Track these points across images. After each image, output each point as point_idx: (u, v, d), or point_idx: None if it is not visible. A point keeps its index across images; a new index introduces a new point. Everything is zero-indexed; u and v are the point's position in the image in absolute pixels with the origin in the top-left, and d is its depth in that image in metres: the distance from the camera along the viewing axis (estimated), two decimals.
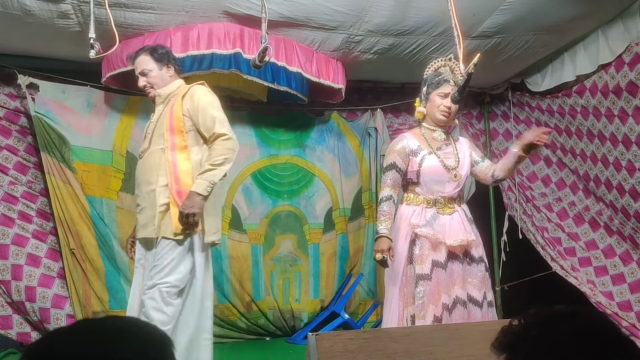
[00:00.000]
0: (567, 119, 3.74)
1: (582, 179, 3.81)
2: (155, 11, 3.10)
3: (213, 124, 2.59)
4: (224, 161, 2.56)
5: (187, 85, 2.74)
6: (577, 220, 3.94)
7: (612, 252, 3.68)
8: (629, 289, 3.56)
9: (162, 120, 2.67)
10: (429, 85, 2.80)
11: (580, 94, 3.57)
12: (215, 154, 2.56)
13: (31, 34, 3.24)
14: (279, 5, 3.04)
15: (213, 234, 2.67)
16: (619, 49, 3.24)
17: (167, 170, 2.57)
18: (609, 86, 3.31)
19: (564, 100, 3.72)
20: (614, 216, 3.58)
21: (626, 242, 3.56)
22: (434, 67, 2.86)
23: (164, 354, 0.87)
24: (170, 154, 2.59)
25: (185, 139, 2.61)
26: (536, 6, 3.07)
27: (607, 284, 3.69)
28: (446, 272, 2.64)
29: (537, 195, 4.23)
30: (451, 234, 2.67)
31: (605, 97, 3.36)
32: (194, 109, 2.62)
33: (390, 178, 2.76)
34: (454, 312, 2.60)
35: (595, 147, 3.56)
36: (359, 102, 4.58)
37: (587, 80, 3.52)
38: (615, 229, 3.63)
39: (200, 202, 2.51)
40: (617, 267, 3.64)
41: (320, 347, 1.75)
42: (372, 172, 4.52)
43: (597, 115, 3.46)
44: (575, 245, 3.94)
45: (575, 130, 3.71)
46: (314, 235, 4.42)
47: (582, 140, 3.66)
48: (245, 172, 4.30)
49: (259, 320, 4.23)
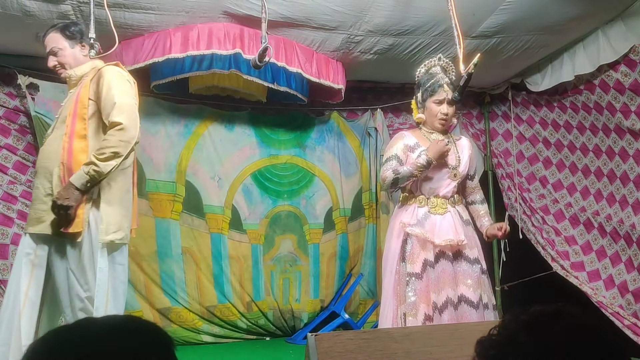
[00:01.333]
0: (581, 114, 3.73)
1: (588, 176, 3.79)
2: (155, 11, 3.10)
3: (111, 109, 2.30)
4: (111, 155, 2.25)
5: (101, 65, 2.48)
6: (572, 222, 3.94)
7: (604, 254, 3.68)
8: (619, 293, 3.56)
9: (68, 104, 2.43)
10: (424, 91, 2.78)
11: (592, 91, 3.57)
12: (105, 144, 2.26)
13: (31, 34, 3.23)
14: (279, 6, 3.04)
15: (112, 232, 2.34)
16: (622, 49, 3.24)
17: (61, 160, 2.32)
18: (625, 83, 3.30)
19: (576, 97, 3.71)
20: (613, 216, 3.57)
21: (618, 242, 3.55)
22: (425, 68, 2.85)
23: (164, 353, 0.87)
24: (67, 142, 2.33)
25: (86, 126, 2.35)
26: (536, 6, 3.07)
27: (600, 289, 3.69)
28: (435, 271, 2.64)
29: (534, 197, 4.24)
30: (440, 233, 2.65)
31: (622, 93, 3.34)
32: (98, 92, 2.35)
33: (391, 166, 2.74)
34: (444, 313, 2.59)
35: (612, 142, 3.54)
36: (359, 102, 4.58)
37: (595, 79, 3.52)
38: (609, 229, 3.61)
39: (76, 195, 2.23)
40: (607, 269, 3.64)
41: (319, 347, 1.75)
42: (372, 172, 4.52)
43: (612, 110, 3.44)
44: (569, 250, 3.94)
45: (590, 126, 3.70)
46: (314, 235, 4.42)
47: (597, 135, 3.64)
48: (245, 172, 4.30)
49: (259, 321, 4.23)
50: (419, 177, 2.71)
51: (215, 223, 4.19)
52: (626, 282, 3.50)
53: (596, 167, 3.72)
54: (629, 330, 3.43)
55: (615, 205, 3.56)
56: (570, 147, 3.92)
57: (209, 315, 4.09)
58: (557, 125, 3.98)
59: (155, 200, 4.04)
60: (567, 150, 3.95)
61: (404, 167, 2.70)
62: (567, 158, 3.97)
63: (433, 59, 2.85)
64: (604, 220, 3.67)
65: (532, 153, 4.28)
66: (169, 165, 4.10)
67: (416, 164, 2.66)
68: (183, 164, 4.14)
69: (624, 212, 3.49)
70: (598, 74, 3.49)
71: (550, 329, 0.83)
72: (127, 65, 3.31)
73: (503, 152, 4.54)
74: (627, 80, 3.30)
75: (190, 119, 4.19)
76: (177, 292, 4.04)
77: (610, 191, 3.60)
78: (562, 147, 4.00)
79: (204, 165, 4.20)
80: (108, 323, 0.90)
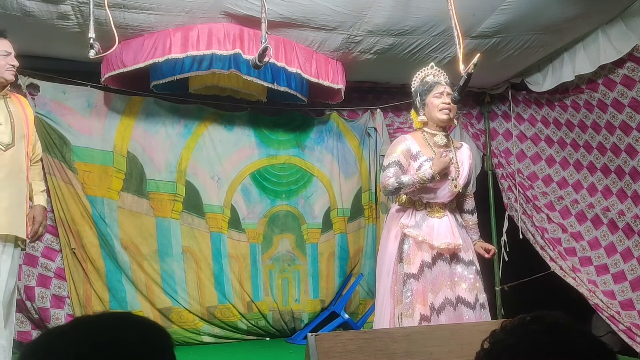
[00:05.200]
0: (582, 112, 3.73)
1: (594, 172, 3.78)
2: (155, 12, 3.10)
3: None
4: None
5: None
6: (579, 218, 3.94)
7: (614, 249, 3.67)
8: (630, 287, 3.56)
9: (18, 121, 2.68)
10: (422, 93, 2.80)
11: (594, 89, 3.57)
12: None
13: (31, 34, 3.24)
14: (279, 6, 3.03)
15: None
16: (624, 48, 3.24)
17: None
18: (635, 77, 3.30)
19: (578, 95, 3.71)
20: (625, 211, 3.56)
21: (630, 238, 3.55)
22: (418, 78, 2.89)
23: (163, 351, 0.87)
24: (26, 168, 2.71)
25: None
26: (536, 6, 3.07)
27: (608, 282, 3.69)
28: (433, 273, 2.66)
29: (538, 194, 4.23)
30: (439, 236, 2.69)
31: (631, 88, 3.34)
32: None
33: (393, 172, 2.72)
34: (442, 314, 2.62)
35: (616, 139, 3.53)
36: (359, 102, 4.58)
37: (599, 78, 3.52)
38: (622, 225, 3.61)
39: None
40: (617, 264, 3.64)
41: (319, 347, 1.76)
42: (371, 172, 4.52)
43: (619, 107, 3.44)
44: (575, 245, 3.93)
45: (592, 124, 3.69)
46: (312, 235, 4.43)
47: (600, 133, 3.64)
48: (244, 172, 4.30)
49: (259, 322, 4.23)
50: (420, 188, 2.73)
51: (215, 222, 4.19)
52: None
53: (602, 164, 3.71)
54: (624, 335, 3.44)
55: (628, 201, 3.55)
56: (574, 144, 3.92)
57: (209, 316, 4.09)
58: (559, 123, 3.98)
59: (156, 200, 4.05)
60: (571, 148, 3.95)
61: (406, 176, 2.70)
62: (571, 156, 3.96)
63: (425, 69, 2.90)
64: (615, 216, 3.65)
65: (534, 152, 4.27)
66: (169, 165, 4.11)
67: (420, 177, 2.67)
68: (183, 163, 4.14)
69: (638, 208, 3.48)
70: (602, 72, 3.49)
71: (531, 331, 0.90)
72: (127, 66, 3.33)
73: (503, 152, 4.54)
74: (637, 74, 3.29)
75: (190, 119, 4.20)
76: (178, 292, 4.04)
77: (620, 187, 3.59)
78: (565, 145, 3.99)
79: (204, 165, 4.20)
80: (105, 321, 0.90)
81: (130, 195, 3.98)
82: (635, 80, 3.32)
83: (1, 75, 2.63)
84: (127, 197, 3.97)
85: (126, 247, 3.94)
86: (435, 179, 2.67)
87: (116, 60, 3.35)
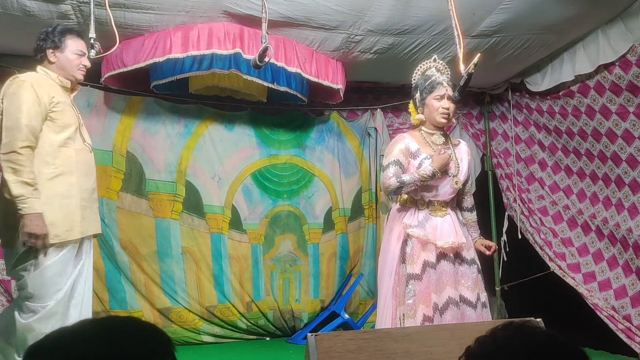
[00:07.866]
0: (569, 119, 3.72)
1: (584, 179, 3.79)
2: (155, 11, 3.10)
3: None
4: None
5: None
6: (570, 224, 3.94)
7: (601, 257, 3.67)
8: (614, 295, 3.56)
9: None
10: (422, 90, 2.78)
11: (585, 94, 3.55)
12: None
13: (31, 34, 3.23)
14: (279, 5, 3.03)
15: None
16: (621, 49, 3.23)
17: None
18: (621, 84, 3.28)
19: (567, 100, 3.70)
20: (609, 219, 3.56)
21: (615, 246, 3.55)
22: (420, 70, 2.86)
23: (165, 354, 0.87)
24: None
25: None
26: (536, 5, 3.07)
27: (594, 291, 3.69)
28: (436, 272, 2.66)
29: (533, 198, 4.23)
30: (442, 235, 2.68)
31: (618, 94, 3.32)
32: None
33: (393, 172, 2.71)
34: (446, 313, 2.62)
35: (603, 146, 3.53)
36: (359, 102, 4.57)
37: (590, 80, 3.50)
38: (607, 232, 3.61)
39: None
40: (604, 272, 3.64)
41: (319, 347, 1.76)
42: (372, 172, 4.52)
43: (606, 113, 3.43)
44: (565, 252, 3.94)
45: (578, 131, 3.69)
46: (314, 235, 4.42)
47: (587, 140, 3.63)
48: (245, 172, 4.30)
49: (259, 321, 4.23)
50: (421, 185, 2.72)
51: (215, 223, 4.19)
52: (625, 286, 3.50)
53: (590, 171, 3.71)
54: (623, 334, 3.43)
55: (612, 209, 3.55)
56: (564, 150, 3.92)
57: (209, 316, 4.09)
58: (548, 129, 3.97)
59: (156, 200, 4.04)
60: (561, 153, 3.95)
61: (407, 175, 2.69)
62: (562, 161, 3.97)
63: (428, 61, 2.86)
64: (600, 224, 3.66)
65: (528, 154, 4.28)
66: (169, 165, 4.10)
67: (421, 174, 2.66)
68: (183, 164, 4.14)
69: (620, 216, 3.48)
70: (594, 75, 3.46)
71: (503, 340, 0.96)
72: (127, 65, 3.33)
73: (502, 152, 4.54)
74: (623, 82, 3.28)
75: (190, 119, 4.19)
76: (177, 292, 4.04)
77: (606, 194, 3.59)
78: (556, 149, 3.99)
79: (204, 165, 4.20)
80: (108, 324, 0.90)
81: (130, 195, 3.98)
82: (621, 87, 3.29)
83: (72, 74, 2.61)
84: (126, 197, 3.96)
85: (125, 247, 3.93)
86: (436, 175, 2.66)
87: (116, 60, 3.35)
